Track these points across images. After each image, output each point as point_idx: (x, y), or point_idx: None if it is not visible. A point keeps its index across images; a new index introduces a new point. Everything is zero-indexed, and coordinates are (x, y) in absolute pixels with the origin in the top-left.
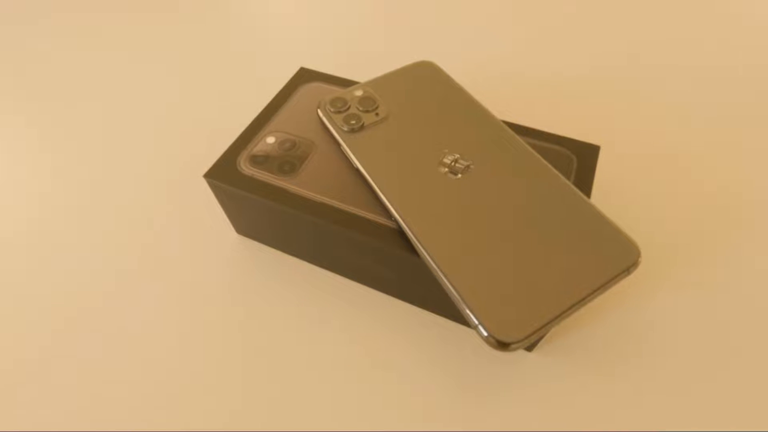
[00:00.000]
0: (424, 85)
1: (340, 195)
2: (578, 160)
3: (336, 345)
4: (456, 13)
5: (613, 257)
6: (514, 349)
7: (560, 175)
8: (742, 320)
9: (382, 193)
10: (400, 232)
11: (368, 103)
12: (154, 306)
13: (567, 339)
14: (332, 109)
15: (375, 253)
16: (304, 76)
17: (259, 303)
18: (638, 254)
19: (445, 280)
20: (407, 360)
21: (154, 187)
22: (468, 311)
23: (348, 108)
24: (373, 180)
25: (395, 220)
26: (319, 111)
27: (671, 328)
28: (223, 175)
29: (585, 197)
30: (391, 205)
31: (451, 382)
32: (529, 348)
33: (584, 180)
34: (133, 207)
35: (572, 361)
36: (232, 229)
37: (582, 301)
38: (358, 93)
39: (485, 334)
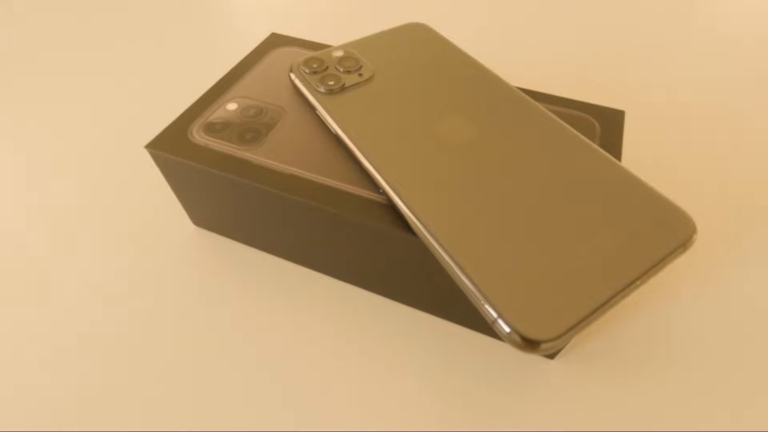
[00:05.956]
0: (417, 46)
1: (314, 166)
2: (602, 127)
3: (321, 357)
4: None
5: (662, 232)
6: (546, 351)
7: (587, 139)
8: None
9: (369, 161)
10: (391, 207)
11: (350, 63)
12: (95, 318)
13: (596, 343)
14: (307, 71)
15: (360, 234)
16: (275, 42)
17: (223, 312)
18: (693, 227)
19: (450, 261)
20: (402, 372)
21: (97, 170)
22: (482, 299)
23: (326, 69)
24: (356, 146)
25: (384, 193)
26: (291, 74)
27: (716, 331)
28: (170, 145)
29: (619, 163)
30: (380, 174)
31: (456, 398)
32: (551, 355)
33: (610, 149)
34: (71, 196)
35: (602, 370)
36: (189, 220)
37: (629, 287)
38: (338, 53)
39: (507, 330)
